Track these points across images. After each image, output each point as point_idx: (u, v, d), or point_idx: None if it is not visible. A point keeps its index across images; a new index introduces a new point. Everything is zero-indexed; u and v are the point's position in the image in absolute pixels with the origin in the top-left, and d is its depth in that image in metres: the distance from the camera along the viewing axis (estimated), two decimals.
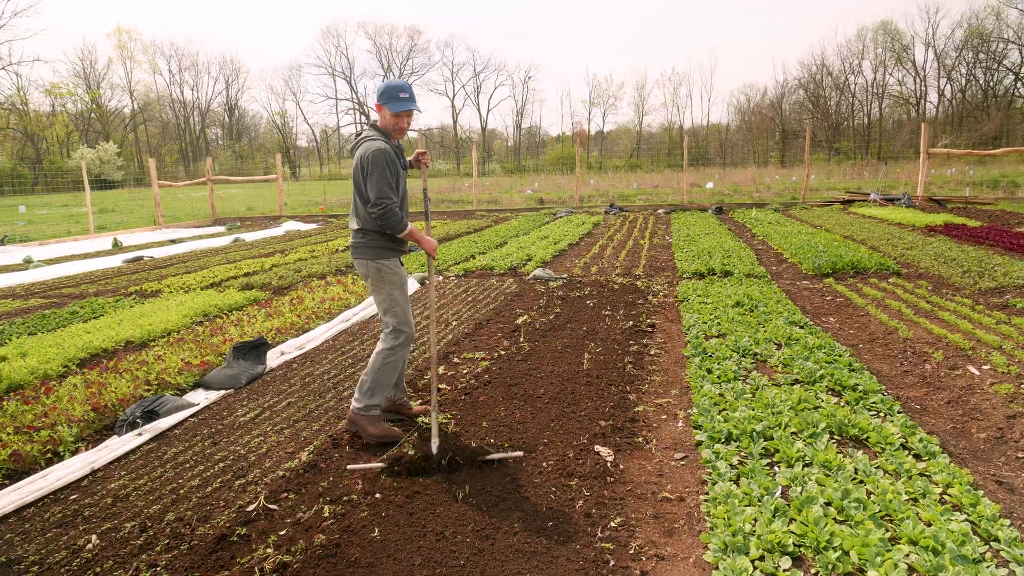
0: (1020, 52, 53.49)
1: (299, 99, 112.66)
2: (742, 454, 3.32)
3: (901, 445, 3.34)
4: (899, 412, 3.81)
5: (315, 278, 9.59)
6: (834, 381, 4.25)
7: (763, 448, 3.34)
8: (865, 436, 3.45)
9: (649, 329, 6.08)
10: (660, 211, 19.88)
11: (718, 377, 4.42)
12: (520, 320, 6.61)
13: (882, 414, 3.80)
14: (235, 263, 11.89)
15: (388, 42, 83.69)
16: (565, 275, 9.02)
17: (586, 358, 5.21)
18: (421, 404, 4.33)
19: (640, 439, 3.69)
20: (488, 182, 43.46)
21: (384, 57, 79.90)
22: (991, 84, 57.54)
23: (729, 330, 5.70)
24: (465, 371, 5.09)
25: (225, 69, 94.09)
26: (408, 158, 3.93)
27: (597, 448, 3.56)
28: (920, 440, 3.36)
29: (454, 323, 6.64)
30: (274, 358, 5.65)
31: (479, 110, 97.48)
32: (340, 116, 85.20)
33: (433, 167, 66.14)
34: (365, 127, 3.74)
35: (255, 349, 5.40)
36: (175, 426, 4.23)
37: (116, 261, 13.75)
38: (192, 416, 4.39)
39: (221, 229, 21.39)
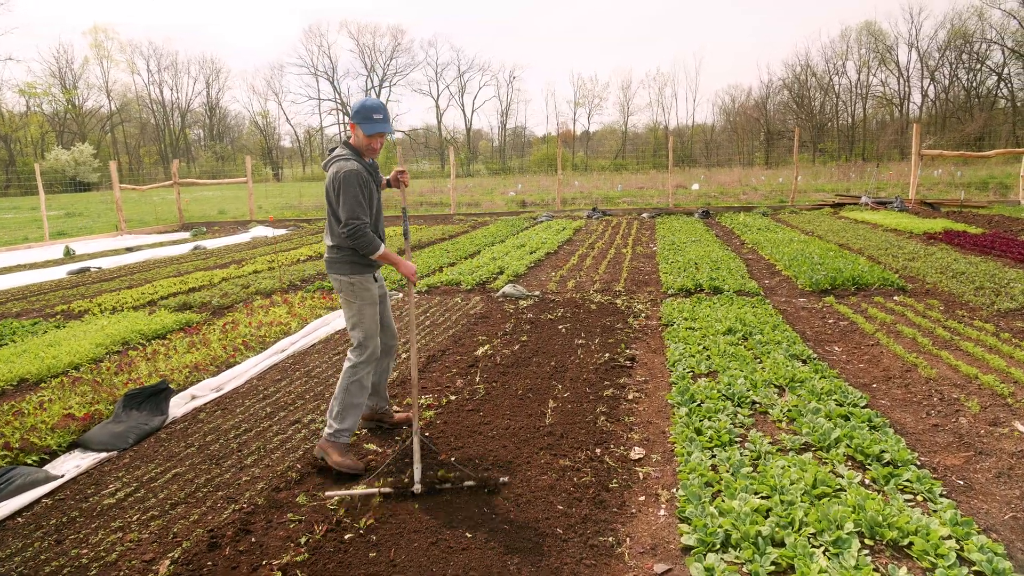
0: (1003, 52, 53.36)
1: (281, 99, 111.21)
2: (745, 571, 2.47)
3: (957, 556, 2.49)
4: (942, 496, 2.97)
5: (261, 296, 8.65)
6: (854, 447, 3.40)
7: (773, 563, 2.48)
8: (907, 541, 2.60)
9: (628, 364, 5.23)
10: (645, 215, 19.09)
11: (709, 440, 3.56)
12: (481, 351, 5.73)
13: (921, 498, 2.96)
14: (184, 276, 10.93)
15: (371, 42, 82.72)
16: (537, 292, 8.15)
17: (551, 407, 4.34)
18: (402, 412, 4.25)
19: (610, 538, 2.83)
20: (471, 183, 42.52)
21: (367, 57, 78.73)
22: (974, 85, 57.44)
23: (721, 367, 4.86)
24: (403, 424, 4.21)
25: (205, 69, 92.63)
26: (386, 176, 3.93)
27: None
28: (981, 548, 2.51)
29: (404, 355, 5.75)
30: (182, 404, 4.73)
31: (464, 110, 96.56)
32: (323, 117, 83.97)
33: (417, 168, 65.01)
34: (338, 145, 3.72)
35: (153, 397, 4.49)
36: (19, 512, 3.31)
37: (61, 272, 12.74)
38: (47, 496, 3.47)
39: (186, 235, 20.37)
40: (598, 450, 3.67)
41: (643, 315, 6.91)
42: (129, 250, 16.44)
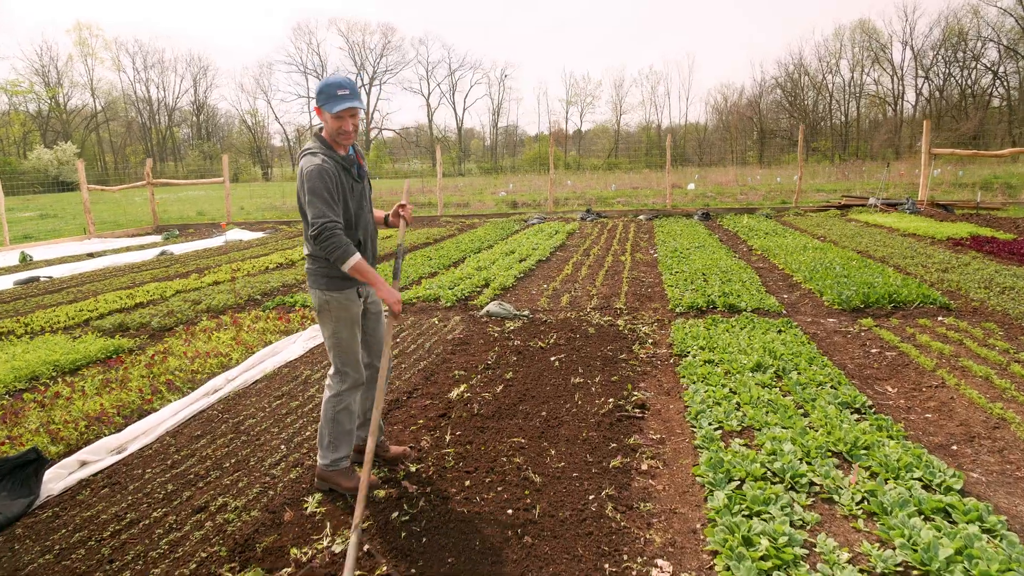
0: (998, 50, 52.70)
1: (270, 98, 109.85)
2: None
3: None
4: None
5: (210, 315, 7.56)
6: (979, 574, 2.37)
7: None
8: None
9: (638, 414, 4.19)
10: (641, 217, 18.09)
11: (764, 556, 2.52)
12: (456, 393, 4.68)
13: None
14: (136, 288, 9.83)
15: (361, 39, 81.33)
16: (527, 311, 7.10)
17: (538, 483, 3.28)
18: (399, 445, 3.81)
19: None
20: (462, 183, 41.48)
21: (357, 55, 77.60)
22: (969, 83, 56.83)
23: (756, 420, 3.83)
24: (342, 507, 3.16)
25: (192, 67, 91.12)
26: (386, 212, 3.52)
27: None
28: None
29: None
30: (65, 474, 3.66)
31: (455, 109, 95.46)
32: (313, 115, 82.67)
33: (408, 167, 63.74)
34: (309, 138, 3.22)
35: (18, 471, 3.42)
36: None
37: (7, 283, 11.60)
38: None
39: (157, 238, 19.24)
40: (606, 564, 2.63)
41: (650, 341, 5.87)
42: (91, 256, 15.31)
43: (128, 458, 3.88)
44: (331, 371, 3.33)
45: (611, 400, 4.40)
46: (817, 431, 3.66)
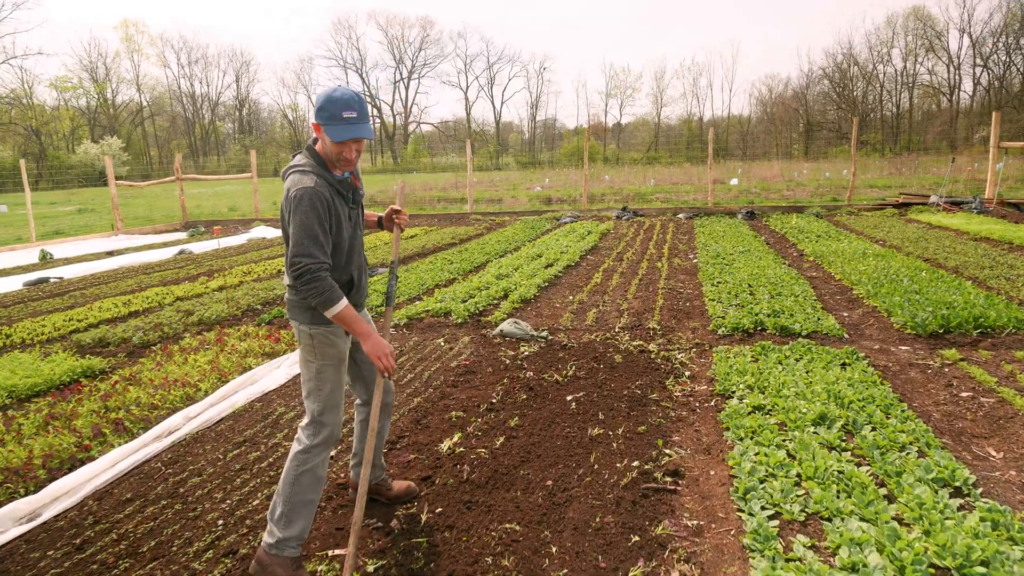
0: None
1: (311, 92, 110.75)
2: None
3: None
4: None
5: (197, 329, 6.88)
6: None
7: None
8: None
9: (669, 485, 3.31)
10: (681, 216, 17.03)
11: None
12: (448, 444, 3.86)
13: None
14: (136, 293, 9.28)
15: (400, 33, 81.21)
16: (545, 331, 6.24)
17: None
18: (402, 482, 3.31)
19: None
20: (498, 177, 40.77)
21: (396, 49, 77.53)
22: None
23: (824, 506, 2.92)
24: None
25: (235, 62, 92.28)
26: (379, 213, 3.11)
27: None
28: None
29: (340, 445, 3.91)
30: None
31: (493, 102, 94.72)
32: None
33: (446, 160, 63.18)
34: (298, 152, 2.64)
35: None
36: None
37: (17, 283, 11.24)
38: None
39: (183, 235, 18.95)
40: None
41: (687, 374, 4.97)
42: (110, 254, 14.96)
43: (34, 531, 3.16)
44: (304, 421, 2.75)
45: (636, 463, 3.52)
46: (910, 528, 2.74)
